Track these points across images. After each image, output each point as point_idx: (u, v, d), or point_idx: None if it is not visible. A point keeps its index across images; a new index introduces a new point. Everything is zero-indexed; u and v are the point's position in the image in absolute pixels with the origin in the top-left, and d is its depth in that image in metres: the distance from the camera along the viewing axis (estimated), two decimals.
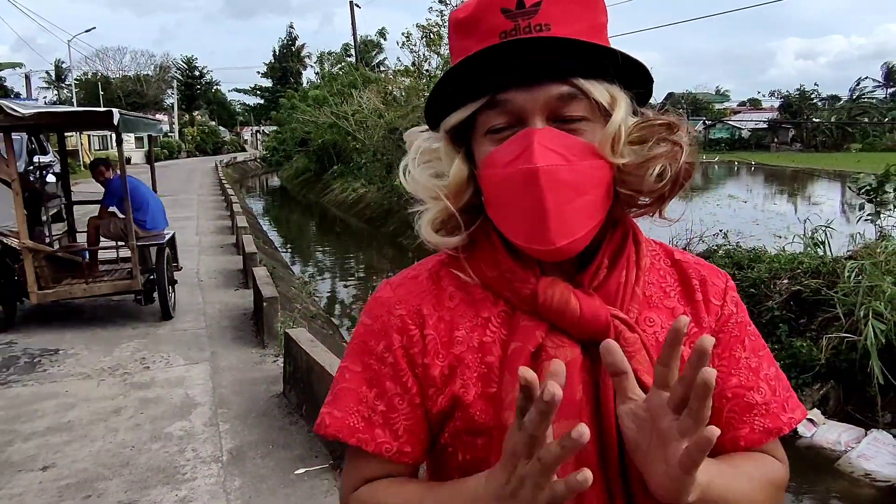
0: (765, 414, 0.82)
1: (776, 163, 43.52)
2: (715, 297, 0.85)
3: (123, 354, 5.23)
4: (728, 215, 17.19)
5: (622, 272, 0.80)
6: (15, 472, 3.36)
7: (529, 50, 0.73)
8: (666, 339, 0.66)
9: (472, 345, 0.80)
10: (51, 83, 60.28)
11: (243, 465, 3.42)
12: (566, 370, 0.65)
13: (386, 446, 0.80)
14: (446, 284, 0.84)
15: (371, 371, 0.82)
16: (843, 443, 5.01)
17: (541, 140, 0.73)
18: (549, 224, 0.73)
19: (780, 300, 6.19)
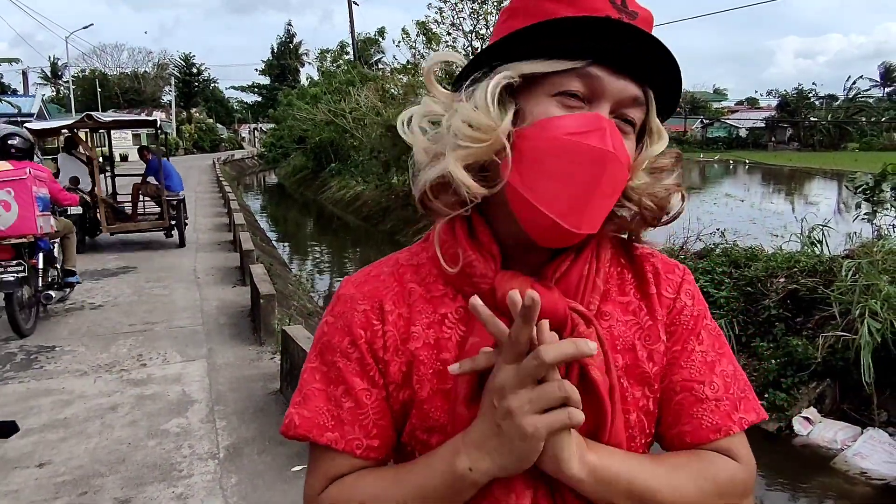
0: (714, 410, 0.81)
1: (773, 162, 43.60)
2: (668, 290, 0.85)
3: (120, 351, 5.22)
4: (725, 214, 17.21)
5: (585, 264, 0.80)
6: (11, 469, 3.35)
7: (634, 40, 0.73)
8: (518, 314, 0.66)
9: (427, 341, 0.79)
10: (47, 79, 60.11)
11: (240, 461, 3.42)
12: None
13: (356, 443, 0.79)
14: (407, 280, 0.83)
15: (336, 369, 0.81)
16: (839, 441, 5.03)
17: (612, 131, 0.73)
18: (588, 208, 0.72)
19: (776, 299, 6.20)
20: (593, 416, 0.74)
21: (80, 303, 6.77)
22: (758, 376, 5.80)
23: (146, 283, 7.65)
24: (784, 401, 5.41)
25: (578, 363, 0.73)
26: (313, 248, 16.23)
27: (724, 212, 18.11)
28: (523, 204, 0.74)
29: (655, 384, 0.81)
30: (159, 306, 6.63)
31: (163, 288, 7.44)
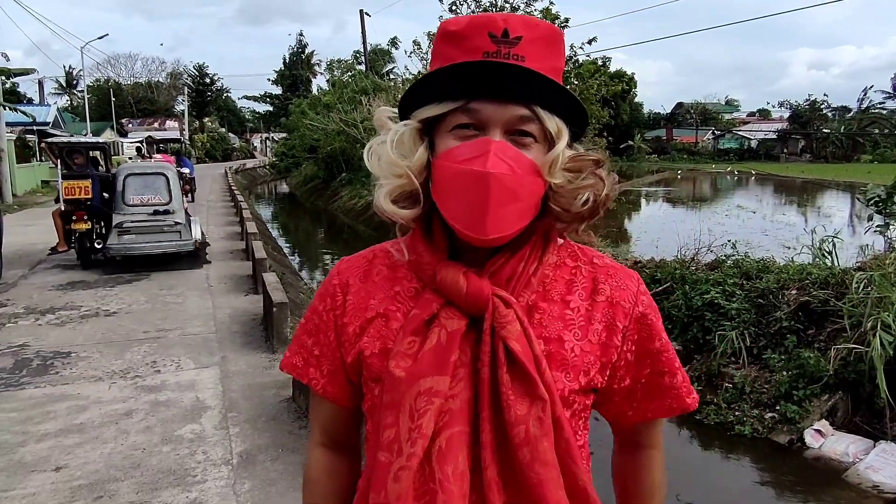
0: (675, 396, 1.02)
1: (785, 173, 43.39)
2: (626, 301, 0.98)
3: (134, 358, 5.27)
4: (736, 226, 17.16)
5: (519, 263, 0.93)
6: (28, 473, 3.40)
7: (505, 73, 0.86)
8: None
9: (379, 311, 0.98)
10: (63, 89, 60.74)
11: (253, 468, 3.46)
12: (450, 337, 0.89)
13: (314, 381, 1.04)
14: (377, 263, 1.03)
15: (313, 324, 1.05)
16: (851, 454, 5.00)
17: (496, 150, 0.86)
18: (487, 219, 0.86)
19: (788, 311, 6.19)
20: (521, 381, 0.88)
21: (94, 310, 6.85)
22: (769, 388, 5.78)
23: (159, 291, 7.72)
24: (796, 413, 5.39)
25: (501, 340, 0.88)
26: (324, 257, 16.29)
27: (735, 223, 18.05)
28: (445, 218, 0.91)
29: (576, 374, 0.94)
30: (172, 314, 6.69)
31: (176, 296, 7.51)
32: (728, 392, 5.96)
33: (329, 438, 1.09)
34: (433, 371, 0.88)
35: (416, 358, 0.89)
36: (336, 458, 1.08)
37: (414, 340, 0.91)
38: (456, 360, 0.89)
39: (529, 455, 0.87)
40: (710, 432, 5.68)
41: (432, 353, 0.89)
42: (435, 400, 0.87)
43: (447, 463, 0.87)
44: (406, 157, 0.93)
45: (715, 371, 6.25)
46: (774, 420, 5.50)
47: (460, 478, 0.87)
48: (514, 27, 0.88)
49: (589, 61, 14.68)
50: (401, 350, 0.90)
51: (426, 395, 0.87)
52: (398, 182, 0.94)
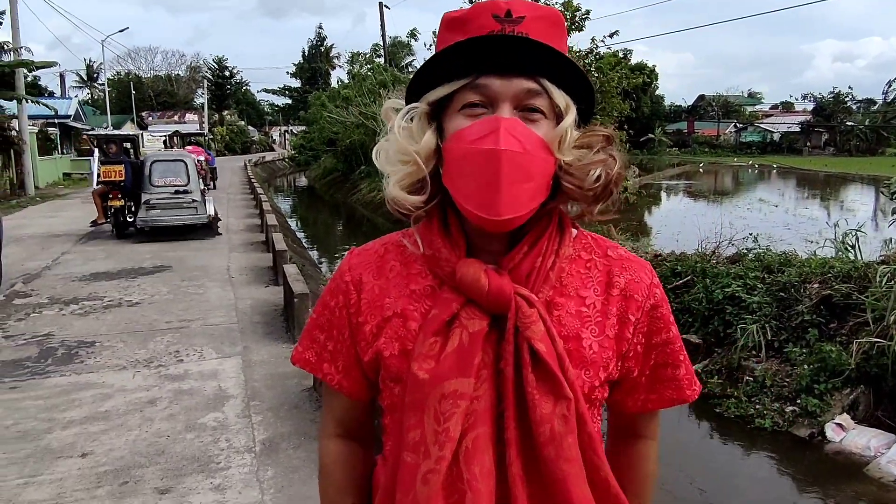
0: (675, 388, 1.03)
1: (808, 167, 42.85)
2: (639, 294, 0.98)
3: (157, 348, 5.35)
4: (758, 219, 17.01)
5: (537, 258, 0.93)
6: (55, 459, 3.47)
7: (511, 47, 0.86)
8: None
9: (396, 311, 0.96)
10: (83, 82, 61.36)
11: (276, 455, 3.50)
12: (472, 338, 0.88)
13: (329, 377, 1.03)
14: (390, 258, 1.01)
15: (325, 319, 1.04)
16: (872, 448, 4.96)
17: (506, 127, 0.86)
18: (500, 197, 0.85)
19: (810, 304, 6.13)
20: (546, 380, 0.88)
21: (117, 300, 6.94)
22: (790, 382, 5.74)
23: (181, 282, 7.81)
24: (816, 407, 5.35)
25: (526, 340, 0.88)
26: (343, 250, 16.38)
27: (757, 217, 17.90)
28: (456, 201, 0.90)
29: (595, 370, 0.94)
30: (194, 304, 6.77)
31: (197, 287, 7.59)
32: (749, 385, 5.93)
33: (344, 430, 1.09)
34: (457, 373, 0.88)
35: (438, 360, 0.89)
36: (351, 448, 1.09)
37: (435, 342, 0.90)
38: (479, 361, 0.89)
39: (554, 452, 0.88)
40: (731, 425, 5.65)
41: (455, 354, 0.89)
42: (460, 403, 0.87)
43: (474, 463, 0.87)
44: (414, 143, 0.93)
45: (735, 364, 6.21)
46: (795, 413, 5.46)
47: (487, 476, 0.88)
48: (517, 8, 0.89)
49: (610, 54, 14.55)
50: (423, 352, 0.90)
51: (451, 399, 0.87)
52: (407, 169, 0.93)
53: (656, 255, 8.83)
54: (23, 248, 10.29)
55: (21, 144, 19.66)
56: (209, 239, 11.18)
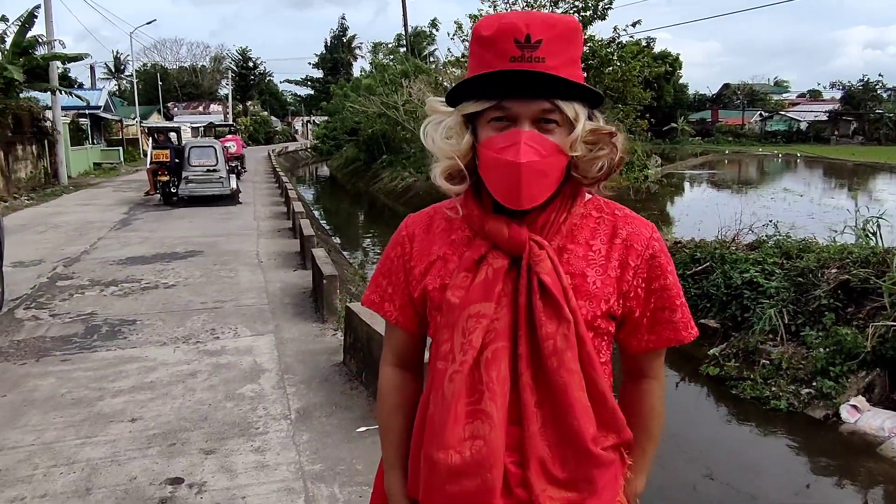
0: (673, 329, 1.21)
1: (836, 156, 42.24)
2: (639, 244, 1.18)
3: (195, 326, 5.61)
4: (782, 209, 16.93)
5: (552, 213, 1.15)
6: (107, 423, 3.73)
7: (529, 76, 1.05)
8: None
9: (439, 255, 1.21)
10: (111, 74, 62.23)
11: (310, 422, 3.73)
12: (496, 273, 1.12)
13: (389, 313, 1.28)
14: (438, 219, 1.26)
15: (386, 267, 1.29)
16: (886, 429, 5.07)
17: (526, 140, 1.07)
18: (521, 196, 1.08)
19: (827, 289, 6.23)
20: (551, 306, 1.10)
21: (154, 283, 7.24)
22: (806, 364, 5.85)
23: (213, 266, 8.10)
24: (832, 389, 5.47)
25: (536, 274, 1.10)
26: (365, 238, 16.64)
27: (781, 207, 17.81)
28: (489, 189, 1.13)
29: (597, 302, 1.15)
30: (227, 287, 7.04)
31: (229, 271, 7.87)
32: (765, 368, 6.05)
33: (399, 359, 1.32)
34: (481, 298, 1.11)
35: (468, 289, 1.12)
36: (404, 375, 1.32)
37: (467, 276, 1.13)
38: (500, 290, 1.12)
39: (556, 363, 1.09)
40: (747, 406, 5.79)
41: (481, 285, 1.12)
42: (482, 321, 1.10)
43: (492, 369, 1.10)
44: (454, 143, 1.16)
45: (752, 348, 6.33)
46: (810, 395, 5.58)
47: (503, 382, 1.10)
48: (536, 30, 1.06)
49: (632, 43, 14.57)
50: (456, 283, 1.14)
51: (475, 318, 1.10)
52: (448, 163, 1.17)
53: (676, 243, 8.95)
54: (61, 234, 10.67)
55: (55, 135, 20.15)
56: (238, 224, 11.52)
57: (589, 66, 13.77)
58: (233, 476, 3.16)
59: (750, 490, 4.59)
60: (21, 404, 3.99)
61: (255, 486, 3.07)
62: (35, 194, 17.27)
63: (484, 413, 1.09)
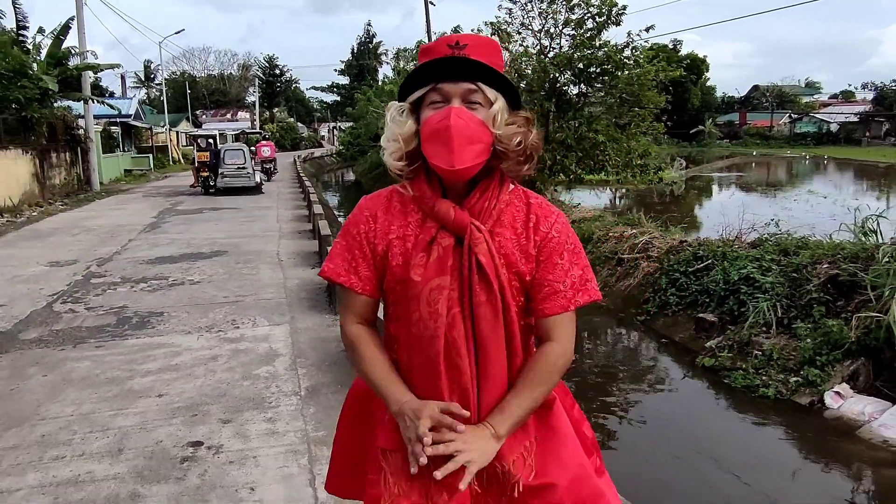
0: (562, 298, 1.43)
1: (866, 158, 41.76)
2: (543, 227, 1.44)
3: (217, 317, 6.06)
4: (804, 210, 17.01)
5: (485, 202, 1.42)
6: (137, 398, 4.17)
7: (457, 64, 1.35)
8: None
9: (398, 234, 1.45)
10: (141, 82, 63.77)
11: (317, 398, 4.13)
12: (445, 250, 1.38)
13: (354, 283, 1.48)
14: (394, 201, 1.49)
15: (349, 242, 1.49)
16: (867, 414, 5.33)
17: (455, 112, 1.35)
18: (453, 153, 1.34)
19: (817, 283, 6.48)
20: (484, 280, 1.37)
21: (180, 280, 7.72)
22: (796, 355, 6.11)
23: (236, 265, 8.57)
24: (817, 377, 5.73)
25: (474, 254, 1.37)
26: None
27: (803, 209, 17.87)
28: (428, 160, 1.39)
29: (525, 277, 1.42)
30: (248, 283, 7.49)
31: (250, 269, 8.33)
32: (757, 359, 6.32)
33: (362, 319, 1.53)
34: (438, 273, 1.37)
35: (426, 266, 1.38)
36: (369, 329, 1.53)
37: (423, 256, 1.39)
38: (451, 265, 1.38)
39: (485, 324, 1.38)
40: (737, 394, 6.07)
41: (436, 262, 1.38)
42: (443, 291, 1.36)
43: (454, 331, 1.38)
44: (401, 129, 1.42)
45: (746, 340, 6.60)
46: (798, 383, 5.85)
47: (464, 340, 1.38)
48: (463, 39, 1.38)
49: (647, 48, 14.81)
50: (416, 263, 1.39)
51: (437, 290, 1.37)
52: (396, 146, 1.43)
53: (681, 241, 9.22)
54: (94, 237, 11.26)
55: (87, 143, 20.94)
56: (262, 227, 12.04)
57: (604, 70, 14.06)
58: (246, 440, 3.56)
59: (738, 471, 4.86)
60: (60, 383, 4.46)
61: (265, 449, 3.47)
62: (69, 200, 18.02)
63: (458, 368, 1.37)
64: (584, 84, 14.46)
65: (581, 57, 13.64)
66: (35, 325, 5.90)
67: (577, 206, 14.35)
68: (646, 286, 8.76)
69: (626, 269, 9.40)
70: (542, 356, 1.44)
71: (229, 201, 17.00)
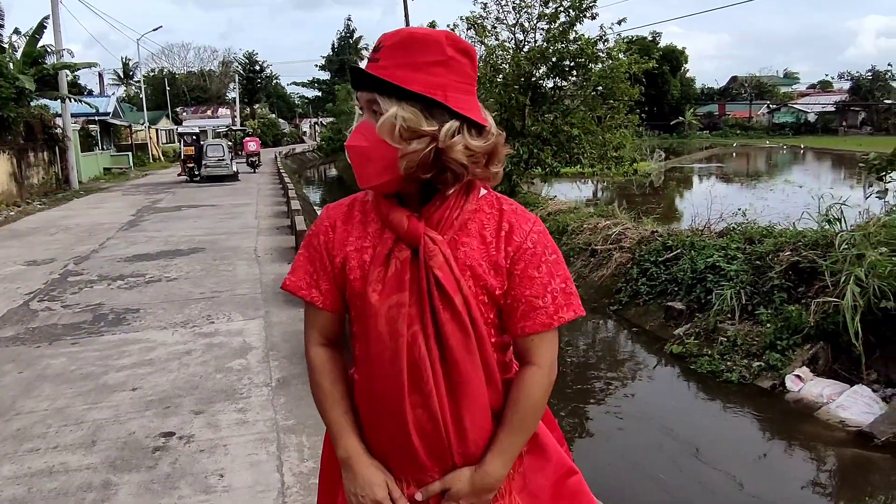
0: (543, 314, 1.29)
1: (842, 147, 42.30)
2: (518, 236, 1.30)
3: (192, 313, 6.14)
4: (780, 200, 17.25)
5: (446, 210, 1.28)
6: (111, 392, 4.26)
7: (360, 73, 1.25)
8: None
9: (356, 246, 1.34)
10: (120, 80, 63.14)
11: (288, 388, 4.24)
12: (402, 264, 1.26)
13: (315, 297, 1.38)
14: (355, 211, 1.39)
15: (310, 254, 1.40)
16: (825, 396, 5.53)
17: (358, 127, 1.28)
18: (358, 174, 1.28)
19: (779, 270, 6.68)
20: (444, 296, 1.25)
21: (157, 277, 7.78)
22: (758, 341, 6.31)
23: (213, 262, 8.63)
24: (778, 361, 5.93)
25: (430, 269, 1.24)
26: None
27: (779, 198, 18.13)
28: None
29: (495, 291, 1.28)
30: (224, 279, 7.57)
31: (227, 265, 8.40)
32: (722, 345, 6.51)
33: (325, 339, 1.41)
34: (396, 289, 1.25)
35: (384, 282, 1.26)
36: (332, 352, 1.42)
37: (381, 270, 1.27)
38: (409, 279, 1.25)
39: (454, 342, 1.25)
40: (703, 380, 6.25)
41: (394, 277, 1.26)
42: (402, 309, 1.25)
43: (414, 350, 1.25)
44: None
45: (712, 327, 6.79)
46: (760, 368, 6.04)
47: (424, 359, 1.26)
48: (385, 39, 1.25)
49: (621, 40, 14.97)
50: (373, 278, 1.27)
51: (395, 307, 1.25)
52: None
53: (653, 232, 9.40)
54: (72, 236, 11.26)
55: (65, 141, 20.82)
56: (240, 223, 12.10)
57: (578, 63, 14.20)
58: (217, 430, 3.68)
59: (705, 455, 5.02)
60: (35, 379, 4.53)
61: (235, 437, 3.58)
62: (47, 199, 17.93)
63: (422, 390, 1.26)
64: (559, 78, 14.59)
65: (555, 51, 13.76)
66: (11, 323, 5.95)
67: (553, 199, 14.53)
68: (618, 276, 8.94)
69: (600, 260, 9.58)
70: (526, 387, 1.33)
71: (209, 198, 17.00)
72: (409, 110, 1.20)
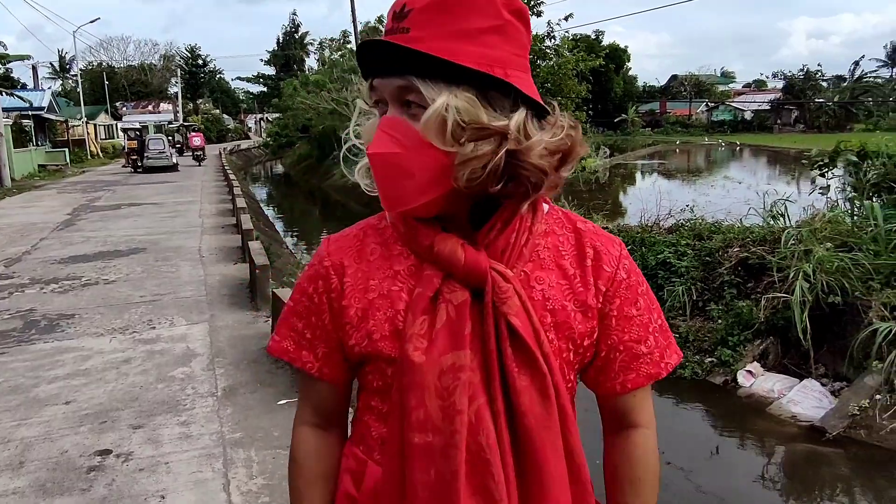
0: (648, 363, 1.00)
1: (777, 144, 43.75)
2: (608, 265, 0.98)
3: (132, 318, 5.84)
4: (720, 196, 17.61)
5: (512, 234, 0.93)
6: (42, 406, 3.98)
7: (385, 50, 0.87)
8: None
9: (382, 292, 0.95)
10: (56, 74, 60.77)
11: (234, 398, 4.04)
12: (458, 310, 0.90)
13: (308, 364, 1.02)
14: (370, 241, 1.00)
15: (303, 306, 1.02)
16: (776, 391, 5.59)
17: (383, 127, 0.89)
18: (385, 193, 0.91)
19: (729, 266, 6.75)
20: (523, 354, 0.90)
21: (95, 279, 7.41)
22: (710, 337, 6.37)
23: (155, 262, 8.28)
24: (730, 357, 5.98)
25: (503, 316, 0.90)
26: (319, 233, 16.85)
27: (720, 194, 18.53)
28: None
29: (580, 340, 0.96)
30: (167, 281, 7.25)
31: (170, 266, 8.07)
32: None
33: (320, 418, 1.07)
34: (451, 347, 0.89)
35: (430, 338, 0.89)
36: (326, 437, 1.07)
37: (425, 320, 0.90)
38: (469, 332, 0.89)
39: (533, 422, 0.90)
40: None
41: (446, 329, 0.89)
42: (461, 375, 0.88)
43: (482, 432, 0.89)
44: (366, 138, 0.96)
45: None
46: (712, 364, 6.09)
47: (494, 450, 0.89)
48: (411, 2, 0.87)
49: (567, 37, 15.07)
50: (414, 332, 0.90)
51: (450, 373, 0.88)
52: (363, 161, 0.97)
53: (603, 228, 9.42)
54: (2, 237, 10.69)
55: None
56: (183, 222, 11.69)
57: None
58: (158, 446, 3.45)
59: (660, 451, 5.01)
60: None
61: (178, 454, 3.37)
62: None
63: (488, 490, 0.89)
64: None
65: None
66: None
67: None
68: None
69: None
70: (644, 455, 1.04)
71: (151, 196, 16.43)
72: (464, 98, 0.85)
